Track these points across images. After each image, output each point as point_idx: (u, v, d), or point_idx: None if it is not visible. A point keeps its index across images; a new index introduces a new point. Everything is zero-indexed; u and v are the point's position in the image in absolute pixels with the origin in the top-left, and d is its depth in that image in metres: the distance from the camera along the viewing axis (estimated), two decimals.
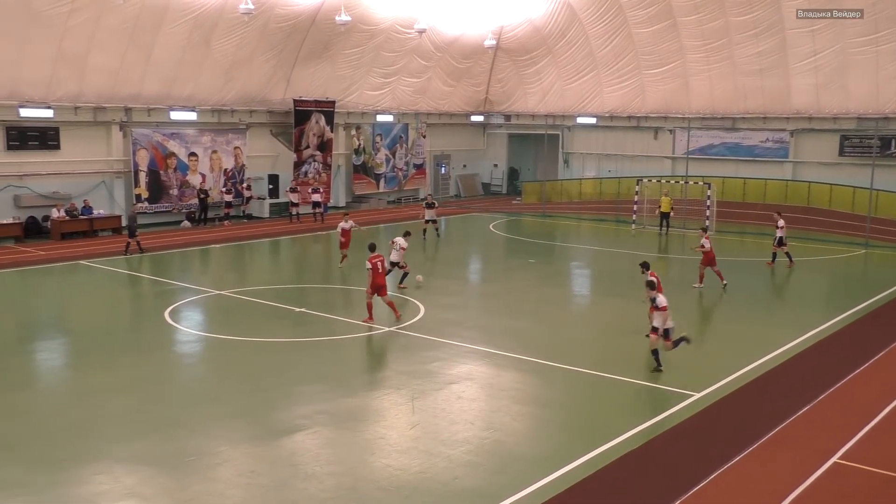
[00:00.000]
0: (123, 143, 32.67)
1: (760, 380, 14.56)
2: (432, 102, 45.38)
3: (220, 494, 9.88)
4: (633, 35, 40.36)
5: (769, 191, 38.67)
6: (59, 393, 14.01)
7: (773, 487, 10.17)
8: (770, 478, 10.49)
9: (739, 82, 38.95)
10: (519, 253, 30.14)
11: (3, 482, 10.06)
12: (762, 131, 39.92)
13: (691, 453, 11.27)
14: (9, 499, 9.64)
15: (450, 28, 41.16)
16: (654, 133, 43.17)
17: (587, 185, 44.28)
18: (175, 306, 19.69)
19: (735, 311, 20.92)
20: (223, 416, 12.53)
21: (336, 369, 15.20)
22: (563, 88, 44.84)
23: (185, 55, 32.33)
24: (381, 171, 43.28)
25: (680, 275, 26.09)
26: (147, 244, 28.59)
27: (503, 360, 15.56)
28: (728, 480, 10.38)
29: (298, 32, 35.12)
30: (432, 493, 9.93)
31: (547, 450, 11.41)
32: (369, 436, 11.83)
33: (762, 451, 11.29)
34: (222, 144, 35.79)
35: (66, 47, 28.89)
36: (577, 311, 21.31)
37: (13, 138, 29.51)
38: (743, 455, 11.11)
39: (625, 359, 15.91)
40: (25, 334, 17.95)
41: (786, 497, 9.89)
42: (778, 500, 9.83)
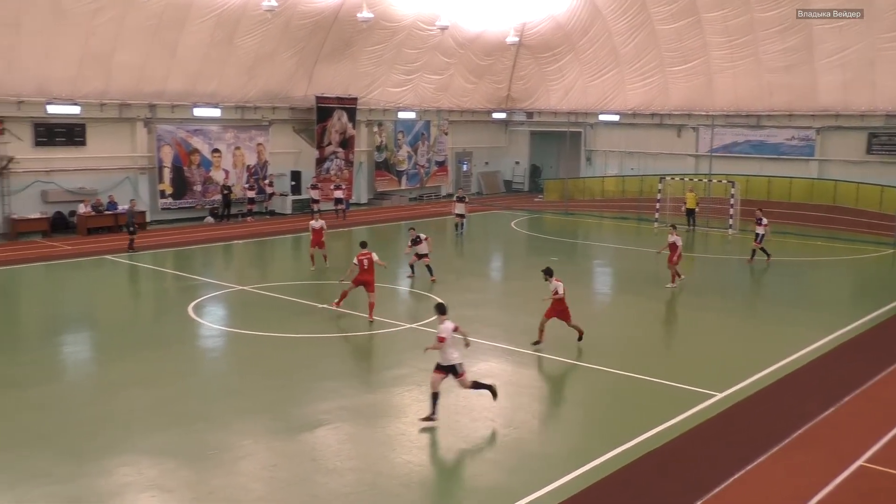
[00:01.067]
0: (148, 139, 32.97)
1: (784, 381, 14.42)
2: (454, 99, 45.35)
3: (242, 488, 9.96)
4: (656, 32, 40.08)
5: (794, 189, 38.24)
6: (85, 385, 14.19)
7: (796, 490, 10.07)
8: (793, 480, 10.39)
9: (764, 79, 38.55)
10: (541, 251, 30.06)
11: (31, 472, 10.22)
12: (787, 129, 39.49)
13: (712, 454, 11.19)
14: (36, 488, 9.80)
15: (472, 25, 41.09)
16: (678, 131, 42.86)
17: (609, 182, 44.04)
18: (198, 301, 19.86)
19: (759, 311, 20.75)
20: (245, 411, 12.63)
21: (357, 365, 15.26)
22: (586, 85, 44.63)
23: (208, 52, 32.56)
24: (402, 168, 43.33)
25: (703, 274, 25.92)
26: (170, 239, 28.85)
27: (524, 358, 15.55)
28: (750, 482, 10.29)
29: (321, 29, 35.23)
30: (453, 490, 9.95)
31: (567, 448, 11.39)
32: (390, 432, 11.87)
33: (785, 453, 11.19)
34: (245, 141, 36.01)
35: (93, 45, 29.21)
36: (599, 310, 21.22)
37: (41, 135, 29.89)
38: (765, 457, 11.01)
39: (647, 358, 15.84)
40: (53, 327, 18.19)
41: (809, 500, 9.78)
42: (801, 503, 9.73)
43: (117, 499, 9.60)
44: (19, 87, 28.68)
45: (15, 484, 9.92)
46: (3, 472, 10.22)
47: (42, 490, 9.75)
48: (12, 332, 18.01)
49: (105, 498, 9.60)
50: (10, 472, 10.24)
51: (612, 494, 9.96)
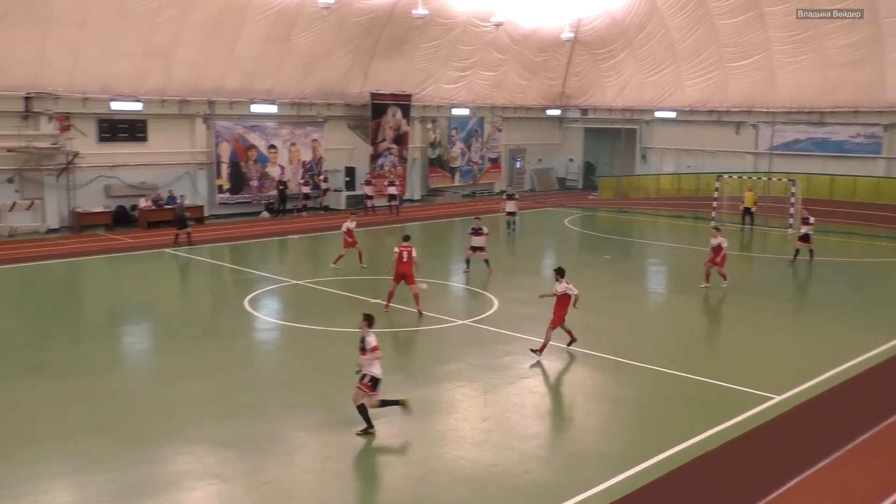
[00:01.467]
0: (206, 135, 33.65)
1: (846, 384, 14.03)
2: (508, 96, 45.23)
3: (296, 479, 10.12)
4: (715, 26, 39.33)
5: (859, 188, 37.11)
6: (144, 376, 14.56)
7: (856, 499, 9.80)
8: (853, 488, 10.11)
9: (829, 74, 37.50)
10: (594, 249, 29.82)
11: (94, 459, 10.55)
12: (853, 126, 38.36)
13: (768, 458, 10.95)
14: (99, 474, 10.11)
15: (526, 21, 40.91)
16: (736, 128, 42.00)
17: (665, 180, 43.41)
18: (254, 295, 20.21)
19: (821, 312, 20.25)
20: (299, 403, 12.83)
21: (409, 360, 15.35)
22: (642, 82, 44.04)
23: (266, 49, 33.07)
24: (456, 165, 43.39)
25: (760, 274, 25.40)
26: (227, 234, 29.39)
27: (577, 356, 15.45)
28: (807, 489, 10.04)
29: (376, 26, 35.48)
30: (503, 486, 9.95)
31: (619, 448, 11.29)
32: (441, 427, 11.92)
33: (845, 460, 10.89)
34: (301, 137, 36.48)
35: (154, 43, 29.92)
36: (654, 309, 20.96)
37: (104, 130, 30.76)
38: (824, 463, 10.72)
39: (702, 358, 15.60)
40: (114, 319, 18.73)
41: None
42: None
43: (176, 486, 9.85)
44: (84, 84, 29.55)
45: (80, 469, 10.26)
46: (69, 459, 10.58)
47: (105, 476, 10.05)
48: (76, 323, 18.58)
49: (164, 485, 9.85)
50: (74, 458, 10.59)
51: (664, 496, 9.84)
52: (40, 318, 18.58)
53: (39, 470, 10.23)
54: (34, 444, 10.98)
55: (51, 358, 15.00)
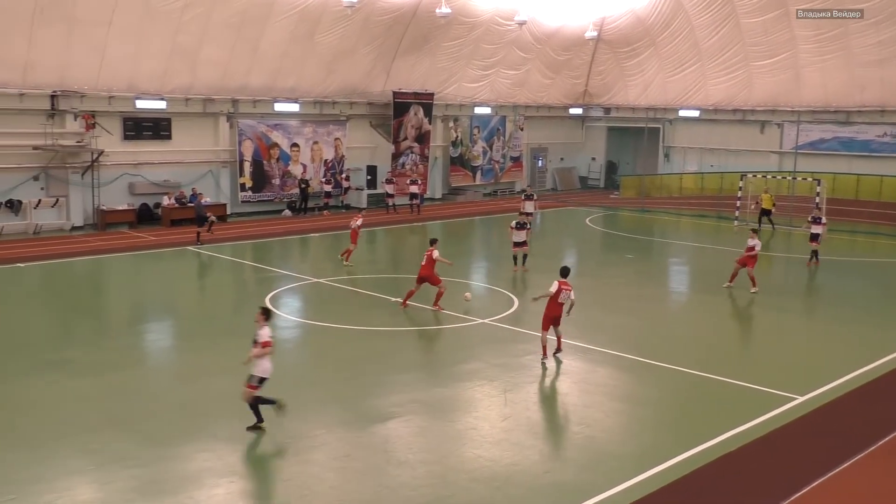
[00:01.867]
0: (230, 133, 33.84)
1: (871, 385, 13.87)
2: (530, 95, 45.09)
3: (315, 476, 10.16)
4: (741, 25, 38.95)
5: (885, 188, 36.61)
6: (166, 372, 14.68)
7: (882, 500, 9.68)
8: (878, 490, 9.99)
9: (856, 73, 37.02)
10: (616, 248, 29.66)
11: (117, 455, 10.63)
12: (880, 125, 37.84)
13: (791, 459, 10.83)
14: (122, 470, 10.19)
15: (550, 20, 40.75)
16: (761, 127, 41.57)
17: (688, 179, 43.07)
18: (275, 292, 20.30)
19: (845, 313, 19.97)
20: (319, 401, 12.87)
21: (429, 359, 15.35)
22: (666, 81, 43.72)
23: (289, 48, 33.21)
24: (477, 164, 43.33)
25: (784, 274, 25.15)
26: (249, 232, 29.53)
27: (597, 356, 15.38)
28: (830, 490, 9.93)
29: (399, 25, 35.51)
30: (523, 486, 9.92)
31: (640, 448, 11.21)
32: (461, 426, 11.91)
33: (870, 461, 10.76)
34: (323, 135, 36.60)
35: (180, 41, 30.14)
36: (676, 309, 20.81)
37: (129, 129, 31.02)
38: (848, 464, 10.60)
39: (724, 358, 15.46)
40: (137, 316, 18.90)
41: None
42: None
43: (197, 483, 9.90)
44: (110, 82, 29.84)
45: (102, 465, 10.35)
46: (91, 455, 10.67)
47: (127, 472, 10.13)
48: (99, 320, 18.77)
49: (186, 482, 9.91)
50: (97, 454, 10.68)
51: (685, 497, 9.76)
52: (64, 315, 18.80)
53: (61, 466, 10.32)
54: (56, 441, 11.09)
55: (74, 354, 15.15)
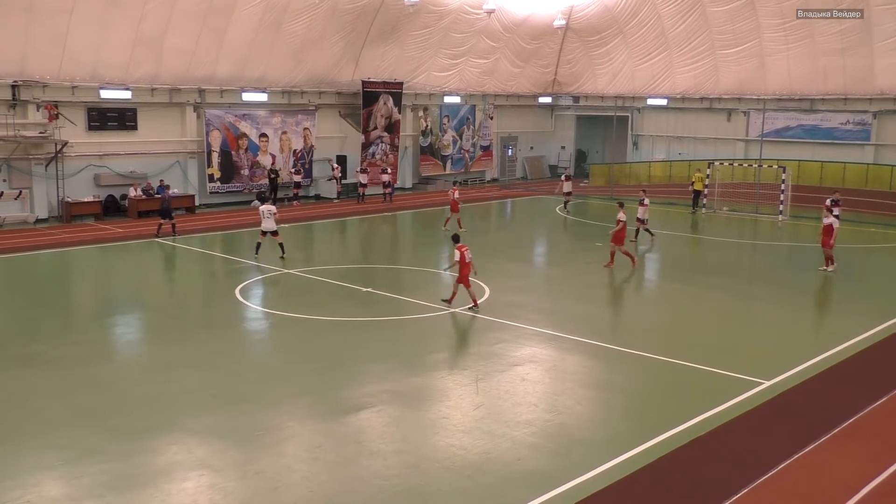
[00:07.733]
0: (197, 123, 33.49)
1: (834, 369, 14.14)
2: (500, 84, 45.13)
3: (287, 468, 10.13)
4: (707, 14, 39.32)
5: (849, 175, 37.33)
6: (135, 366, 14.51)
7: (844, 481, 9.89)
8: (841, 471, 10.21)
9: (819, 62, 37.58)
10: (585, 236, 29.84)
11: (84, 449, 10.52)
12: (843, 113, 38.49)
13: (759, 442, 11.03)
14: (89, 465, 10.08)
15: (519, 8, 40.79)
16: (728, 115, 42.07)
17: (656, 167, 43.48)
18: (245, 284, 20.16)
19: (809, 299, 20.34)
20: (291, 393, 12.82)
21: (401, 349, 15.37)
22: (634, 69, 44.02)
23: (256, 37, 32.88)
24: (447, 153, 43.32)
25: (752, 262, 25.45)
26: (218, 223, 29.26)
27: (568, 344, 15.49)
28: (797, 472, 10.14)
29: (367, 14, 35.30)
30: (495, 474, 9.98)
31: (610, 434, 11.34)
32: (433, 415, 11.94)
33: (834, 443, 10.99)
34: (292, 125, 36.34)
35: (144, 30, 29.70)
36: (644, 296, 21.02)
37: (94, 119, 30.57)
38: (813, 446, 10.83)
39: (692, 344, 15.66)
40: (104, 309, 18.65)
41: (858, 491, 9.61)
42: (849, 494, 9.56)
43: (167, 477, 9.83)
44: (73, 72, 29.35)
45: (70, 461, 10.23)
46: (59, 450, 10.54)
47: (96, 467, 10.03)
48: (66, 314, 18.51)
49: (156, 476, 9.83)
50: (65, 449, 10.55)
51: (656, 481, 9.90)
52: (29, 310, 18.49)
53: (29, 462, 10.18)
54: (24, 436, 10.93)
55: (40, 349, 14.93)
